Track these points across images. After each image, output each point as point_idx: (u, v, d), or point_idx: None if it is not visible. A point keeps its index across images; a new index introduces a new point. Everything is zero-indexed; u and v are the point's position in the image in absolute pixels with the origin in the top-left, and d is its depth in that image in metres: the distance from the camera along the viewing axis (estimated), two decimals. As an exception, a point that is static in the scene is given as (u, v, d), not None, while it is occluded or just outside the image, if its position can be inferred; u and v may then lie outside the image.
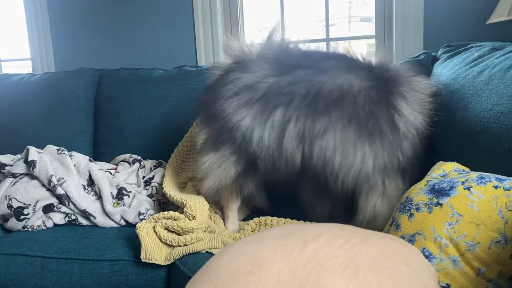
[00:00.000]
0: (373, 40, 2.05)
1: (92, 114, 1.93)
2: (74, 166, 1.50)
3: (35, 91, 1.94)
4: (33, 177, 1.46)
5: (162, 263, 1.18)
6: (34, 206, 1.42)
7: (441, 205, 0.87)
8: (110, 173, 1.58)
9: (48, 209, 1.43)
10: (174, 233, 1.23)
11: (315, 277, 0.58)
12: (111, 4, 2.30)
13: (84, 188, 1.47)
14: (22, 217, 1.41)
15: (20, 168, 1.47)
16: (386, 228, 1.00)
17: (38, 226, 1.43)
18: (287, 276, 0.59)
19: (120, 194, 1.47)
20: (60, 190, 1.42)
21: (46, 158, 1.47)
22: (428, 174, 1.05)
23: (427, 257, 0.83)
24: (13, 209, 1.41)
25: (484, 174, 0.88)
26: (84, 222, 1.45)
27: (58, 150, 1.53)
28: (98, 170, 1.51)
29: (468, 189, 0.86)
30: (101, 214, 1.44)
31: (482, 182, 0.86)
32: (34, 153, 1.47)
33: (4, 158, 1.55)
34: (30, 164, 1.45)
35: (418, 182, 1.01)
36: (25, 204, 1.42)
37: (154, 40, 2.27)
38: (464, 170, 1.00)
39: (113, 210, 1.43)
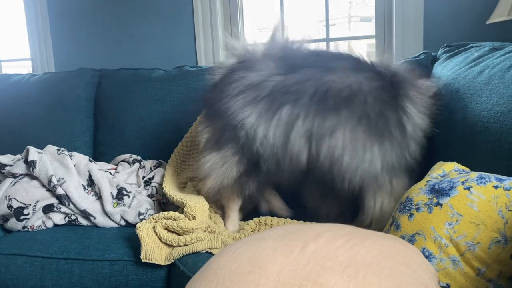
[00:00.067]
0: (373, 40, 2.05)
1: (92, 114, 1.93)
2: (74, 166, 1.50)
3: (35, 91, 1.94)
4: (33, 177, 1.46)
5: (162, 263, 1.18)
6: (34, 206, 1.42)
7: (441, 205, 0.87)
8: (110, 173, 1.58)
9: (48, 209, 1.43)
10: (174, 233, 1.23)
11: (315, 277, 0.58)
12: (111, 4, 2.30)
13: (84, 188, 1.47)
14: (22, 217, 1.41)
15: (20, 168, 1.47)
16: (386, 228, 1.00)
17: (38, 226, 1.43)
18: (287, 276, 0.59)
19: (120, 194, 1.47)
20: (60, 190, 1.42)
21: (46, 158, 1.47)
22: (428, 174, 1.05)
23: (427, 257, 0.83)
24: (13, 209, 1.41)
25: (484, 174, 0.88)
26: (84, 222, 1.45)
27: (58, 150, 1.53)
28: (98, 170, 1.51)
29: (468, 189, 0.86)
30: (101, 214, 1.44)
31: (482, 182, 0.86)
32: (34, 153, 1.47)
33: (4, 158, 1.55)
34: (30, 164, 1.45)
35: (418, 182, 1.01)
36: (25, 204, 1.42)
37: (154, 40, 2.27)
38: (464, 170, 1.00)
39: (113, 210, 1.43)
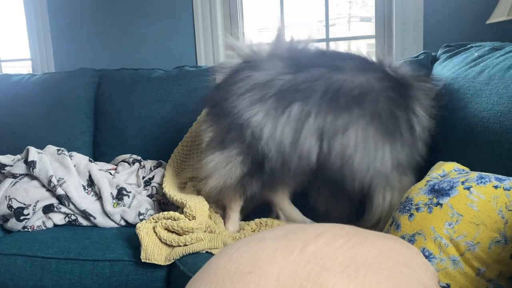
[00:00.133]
0: (373, 40, 2.05)
1: (92, 114, 1.93)
2: (74, 166, 1.50)
3: (35, 92, 1.94)
4: (33, 177, 1.46)
5: (162, 263, 1.18)
6: (34, 206, 1.42)
7: (441, 205, 0.87)
8: (110, 173, 1.58)
9: (48, 209, 1.43)
10: (174, 233, 1.23)
11: (315, 277, 0.58)
12: (111, 4, 2.30)
13: (84, 188, 1.47)
14: (22, 217, 1.41)
15: (20, 168, 1.47)
16: (386, 228, 1.00)
17: (38, 226, 1.43)
18: (287, 276, 0.59)
19: (120, 195, 1.47)
20: (60, 191, 1.42)
21: (46, 159, 1.47)
22: (428, 174, 1.05)
23: (427, 257, 0.83)
24: (13, 209, 1.41)
25: (484, 174, 0.88)
26: (84, 222, 1.45)
27: (58, 150, 1.53)
28: (98, 170, 1.51)
29: (468, 189, 0.86)
30: (101, 214, 1.44)
31: (482, 182, 0.86)
32: (34, 153, 1.47)
33: (4, 159, 1.55)
34: (30, 164, 1.45)
35: (418, 182, 1.01)
36: (25, 204, 1.42)
37: (154, 40, 2.27)
38: (464, 170, 1.00)
39: (113, 211, 1.43)
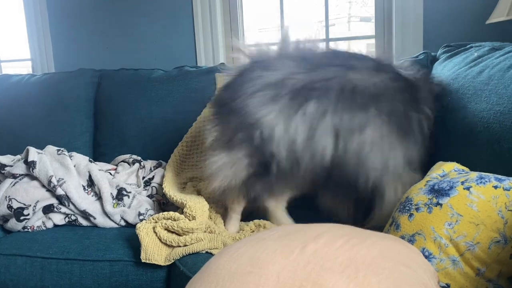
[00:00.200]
0: (372, 40, 2.05)
1: (92, 115, 1.93)
2: (74, 166, 1.50)
3: (35, 92, 1.94)
4: (33, 177, 1.46)
5: (162, 264, 1.18)
6: (34, 206, 1.42)
7: (440, 205, 0.87)
8: (110, 173, 1.58)
9: (48, 209, 1.43)
10: (174, 233, 1.23)
11: (315, 277, 0.58)
12: (111, 4, 2.30)
13: (84, 188, 1.47)
14: (22, 217, 1.41)
15: (20, 168, 1.47)
16: (386, 228, 1.00)
17: (38, 226, 1.42)
18: (287, 276, 0.59)
19: (120, 195, 1.47)
20: (60, 191, 1.42)
21: (46, 159, 1.47)
22: (427, 174, 1.05)
23: (427, 257, 0.84)
24: (13, 209, 1.41)
25: (483, 174, 0.88)
26: (84, 222, 1.45)
27: (58, 150, 1.53)
28: (98, 170, 1.51)
29: (467, 189, 0.86)
30: (101, 214, 1.44)
31: (481, 182, 0.86)
32: (34, 153, 1.47)
33: (4, 159, 1.55)
34: (30, 164, 1.45)
35: (418, 182, 1.01)
36: (25, 204, 1.42)
37: (154, 40, 2.27)
38: (463, 170, 1.00)
39: (113, 211, 1.43)
